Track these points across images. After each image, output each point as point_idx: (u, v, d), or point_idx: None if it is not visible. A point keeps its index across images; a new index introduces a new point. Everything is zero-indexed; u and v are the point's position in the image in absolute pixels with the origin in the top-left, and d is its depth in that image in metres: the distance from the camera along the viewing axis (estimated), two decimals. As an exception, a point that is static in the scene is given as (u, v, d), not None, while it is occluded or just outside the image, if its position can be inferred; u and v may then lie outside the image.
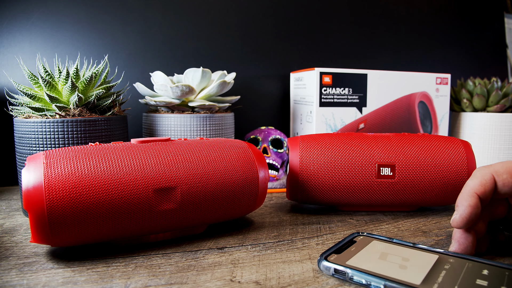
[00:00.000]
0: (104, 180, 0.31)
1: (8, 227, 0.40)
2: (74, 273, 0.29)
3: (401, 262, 0.30)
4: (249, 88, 0.76)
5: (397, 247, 0.32)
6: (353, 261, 0.30)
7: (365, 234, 0.35)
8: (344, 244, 0.33)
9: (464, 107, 0.76)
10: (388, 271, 0.28)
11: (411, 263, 0.29)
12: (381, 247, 0.32)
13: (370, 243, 0.33)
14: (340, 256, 0.31)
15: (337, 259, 0.30)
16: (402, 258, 0.30)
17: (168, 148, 0.35)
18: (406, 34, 0.90)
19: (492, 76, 0.98)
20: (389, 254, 0.31)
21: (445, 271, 0.28)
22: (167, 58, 0.70)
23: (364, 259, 0.30)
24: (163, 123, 0.54)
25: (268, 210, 0.47)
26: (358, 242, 0.33)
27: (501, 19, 1.02)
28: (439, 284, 0.27)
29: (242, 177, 0.37)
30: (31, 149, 0.43)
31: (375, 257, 0.31)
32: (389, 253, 0.31)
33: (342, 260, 0.30)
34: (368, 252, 0.32)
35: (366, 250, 0.32)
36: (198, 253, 0.33)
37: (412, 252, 0.31)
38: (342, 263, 0.30)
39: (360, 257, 0.31)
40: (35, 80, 0.45)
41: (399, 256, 0.31)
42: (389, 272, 0.28)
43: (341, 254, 0.31)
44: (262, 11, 0.77)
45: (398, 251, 0.32)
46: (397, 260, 0.30)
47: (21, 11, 0.62)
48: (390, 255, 0.31)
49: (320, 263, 0.30)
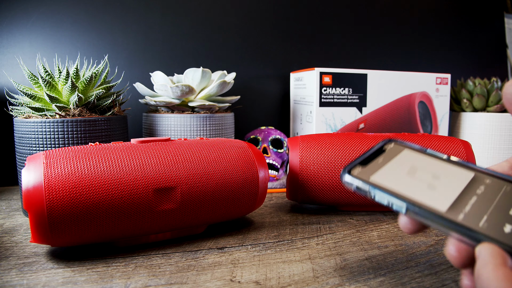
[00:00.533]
0: (104, 180, 0.31)
1: (8, 227, 0.40)
2: (74, 273, 0.29)
3: (431, 180, 0.27)
4: (249, 88, 0.76)
5: (430, 160, 0.29)
6: (378, 176, 0.27)
7: (398, 142, 0.31)
8: (372, 154, 0.29)
9: (464, 107, 0.76)
10: (414, 191, 0.26)
11: (441, 182, 0.26)
12: (411, 159, 0.29)
13: (401, 152, 0.30)
14: (365, 170, 0.28)
15: (361, 173, 0.27)
16: (433, 175, 0.27)
17: (168, 148, 0.35)
18: (406, 34, 0.90)
19: (492, 76, 0.98)
20: (419, 169, 0.28)
21: (476, 197, 0.25)
22: (167, 58, 0.70)
23: (390, 174, 0.27)
24: (163, 123, 0.54)
25: (268, 210, 0.47)
26: (388, 151, 0.30)
27: (501, 19, 1.02)
28: (466, 214, 0.24)
29: (242, 177, 0.37)
30: (31, 149, 0.43)
31: (403, 172, 0.28)
32: (419, 168, 0.28)
33: (367, 175, 0.27)
34: (396, 165, 0.28)
35: (394, 162, 0.29)
36: (198, 253, 0.33)
37: (445, 168, 0.28)
38: (366, 178, 0.27)
39: (387, 171, 0.28)
40: (35, 80, 0.45)
41: (430, 172, 0.27)
42: (415, 193, 0.26)
43: (367, 166, 0.28)
44: (262, 11, 0.77)
45: (430, 165, 0.28)
46: (427, 177, 0.27)
47: (21, 11, 0.62)
48: (420, 170, 0.28)
49: (343, 177, 0.27)
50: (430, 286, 0.27)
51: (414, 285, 0.27)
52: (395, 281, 0.28)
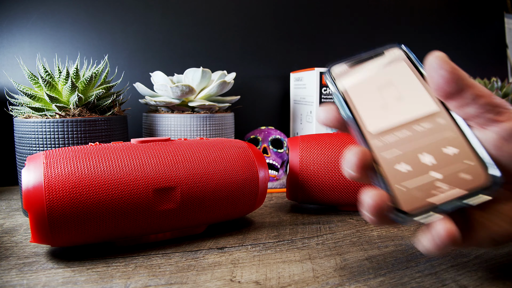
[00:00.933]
0: (104, 180, 0.31)
1: (8, 227, 0.40)
2: (74, 273, 0.29)
3: (391, 100, 0.26)
4: (249, 88, 0.76)
5: (412, 79, 0.27)
6: (350, 81, 0.26)
7: (404, 49, 0.29)
8: (367, 57, 0.28)
9: (464, 107, 0.76)
10: (366, 106, 0.25)
11: (397, 107, 0.26)
12: (396, 73, 0.28)
13: (394, 63, 0.28)
14: (346, 71, 0.27)
15: (339, 75, 0.27)
16: (399, 96, 0.26)
17: (168, 148, 0.35)
18: (406, 34, 0.90)
19: (492, 76, 0.98)
20: (393, 86, 0.27)
21: (410, 133, 0.25)
22: (167, 58, 0.70)
23: (363, 83, 0.27)
24: (163, 123, 0.54)
25: (268, 210, 0.47)
26: (385, 57, 0.28)
27: (501, 19, 1.02)
28: (385, 145, 0.24)
29: (242, 177, 0.37)
30: (31, 149, 0.43)
31: (376, 84, 0.27)
32: (394, 84, 0.27)
33: (342, 78, 0.27)
34: (376, 75, 0.27)
35: (378, 71, 0.27)
36: (198, 253, 0.33)
37: (418, 93, 0.26)
38: (339, 81, 0.26)
39: (364, 79, 0.27)
40: (35, 80, 0.45)
41: (400, 92, 0.26)
42: (366, 108, 0.25)
43: (352, 68, 0.27)
44: (262, 11, 0.77)
45: (407, 85, 0.27)
46: (390, 96, 0.26)
47: (21, 11, 0.62)
48: (392, 87, 0.27)
49: (325, 73, 0.27)
50: (430, 286, 0.27)
51: (414, 285, 0.28)
52: (395, 281, 0.28)
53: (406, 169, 0.25)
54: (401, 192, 0.24)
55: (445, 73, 0.24)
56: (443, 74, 0.24)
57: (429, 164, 0.24)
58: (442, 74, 0.24)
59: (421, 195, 0.24)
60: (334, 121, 0.27)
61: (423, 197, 0.23)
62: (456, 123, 0.25)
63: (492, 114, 0.24)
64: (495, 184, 0.23)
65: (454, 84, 0.24)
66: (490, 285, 0.27)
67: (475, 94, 0.24)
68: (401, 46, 0.29)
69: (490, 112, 0.24)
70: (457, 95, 0.24)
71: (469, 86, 0.24)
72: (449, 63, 0.25)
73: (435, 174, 0.24)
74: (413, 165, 0.25)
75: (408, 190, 0.24)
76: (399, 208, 0.23)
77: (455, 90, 0.24)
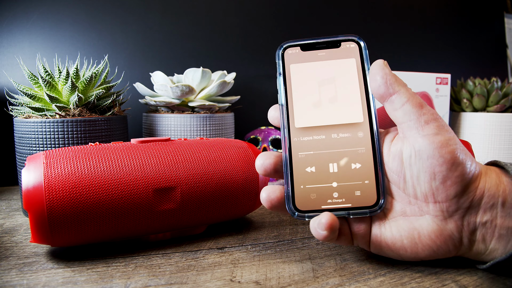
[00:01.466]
0: (104, 180, 0.31)
1: (8, 227, 0.40)
2: (74, 273, 0.29)
3: (326, 100, 0.27)
4: (249, 88, 0.76)
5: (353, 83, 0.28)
6: (296, 69, 0.27)
7: (361, 44, 0.29)
8: (322, 43, 0.28)
9: (464, 107, 0.76)
10: (302, 99, 0.26)
11: (329, 107, 0.27)
12: (343, 71, 0.28)
13: (345, 59, 0.28)
14: (297, 55, 0.27)
15: (290, 57, 0.27)
16: (334, 97, 0.27)
17: (168, 148, 0.35)
18: (406, 34, 0.90)
19: (492, 76, 0.98)
20: (333, 84, 0.27)
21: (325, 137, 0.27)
22: (167, 58, 0.70)
23: (309, 72, 0.27)
24: (163, 123, 0.54)
25: (268, 210, 0.47)
26: (340, 49, 0.28)
27: (501, 19, 1.02)
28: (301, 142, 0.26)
29: (242, 177, 0.37)
30: (31, 149, 0.43)
31: (320, 77, 0.27)
32: (335, 82, 0.27)
33: (290, 60, 0.27)
34: (323, 68, 0.27)
35: (327, 63, 0.28)
36: (198, 253, 0.33)
37: (353, 98, 0.27)
38: (287, 63, 0.27)
39: (310, 70, 0.27)
40: (35, 80, 0.45)
41: (337, 92, 0.27)
42: (300, 102, 0.26)
43: (304, 53, 0.28)
44: (262, 11, 0.77)
45: (346, 86, 0.27)
46: (327, 95, 0.27)
47: (21, 11, 0.62)
48: (332, 85, 0.27)
49: (277, 51, 0.27)
50: (430, 286, 0.27)
51: (414, 285, 0.27)
52: (395, 281, 0.28)
53: (313, 174, 0.27)
54: (301, 193, 0.27)
55: (379, 78, 0.27)
56: (377, 78, 0.27)
57: (335, 175, 0.27)
58: (377, 79, 0.27)
59: (317, 201, 0.27)
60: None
61: (318, 203, 0.27)
62: (373, 139, 0.28)
63: (413, 122, 0.26)
64: (378, 208, 0.27)
65: (385, 88, 0.27)
66: (490, 285, 0.27)
67: (403, 100, 0.27)
68: (359, 40, 0.29)
69: (412, 121, 0.26)
70: (388, 99, 0.27)
71: (398, 92, 0.27)
72: (383, 70, 0.27)
73: (335, 186, 0.27)
74: (320, 172, 0.27)
75: (308, 193, 0.27)
76: (295, 205, 0.27)
77: (386, 93, 0.27)
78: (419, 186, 0.27)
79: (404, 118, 0.27)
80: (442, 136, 0.26)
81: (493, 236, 0.26)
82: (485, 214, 0.26)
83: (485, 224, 0.26)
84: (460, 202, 0.26)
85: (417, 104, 0.26)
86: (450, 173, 0.25)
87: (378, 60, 0.28)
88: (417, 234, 0.27)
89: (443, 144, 0.25)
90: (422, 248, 0.28)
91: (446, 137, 0.26)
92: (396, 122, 0.28)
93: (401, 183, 0.27)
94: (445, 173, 0.25)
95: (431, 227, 0.27)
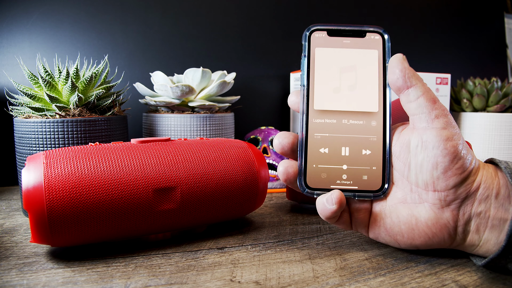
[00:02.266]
0: (104, 180, 0.31)
1: (8, 227, 0.40)
2: (74, 273, 0.29)
3: (345, 87, 0.28)
4: (249, 88, 0.76)
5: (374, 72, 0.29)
6: (321, 53, 0.28)
7: (385, 37, 0.31)
8: (349, 31, 0.29)
9: (464, 107, 0.76)
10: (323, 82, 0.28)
11: (348, 93, 0.28)
12: (364, 61, 0.29)
13: (369, 49, 0.30)
14: (324, 39, 0.28)
15: (316, 41, 0.28)
16: (354, 84, 0.29)
17: (168, 148, 0.35)
18: (406, 34, 0.90)
19: (492, 76, 0.98)
20: (354, 72, 0.29)
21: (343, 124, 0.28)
22: (167, 58, 0.70)
23: (332, 58, 0.28)
24: (163, 123, 0.54)
25: (268, 210, 0.47)
26: (365, 39, 0.30)
27: (501, 19, 1.02)
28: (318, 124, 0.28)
29: (242, 177, 0.37)
30: (31, 149, 0.43)
31: (342, 64, 0.28)
32: (357, 70, 0.29)
33: (316, 43, 0.28)
34: (346, 55, 0.29)
35: (350, 51, 0.29)
36: (198, 253, 0.33)
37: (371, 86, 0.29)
38: (312, 46, 0.28)
39: (334, 53, 0.28)
40: (35, 80, 0.45)
41: (357, 80, 0.29)
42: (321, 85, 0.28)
43: (330, 38, 0.29)
44: (262, 11, 0.77)
45: (367, 75, 0.29)
46: (347, 82, 0.28)
47: (21, 11, 0.62)
48: (353, 73, 0.29)
49: (304, 33, 0.29)
50: (430, 286, 0.27)
51: (414, 285, 0.28)
52: (395, 281, 0.28)
53: (326, 155, 0.29)
54: (313, 172, 0.29)
55: (397, 71, 0.29)
56: (396, 71, 0.29)
57: (346, 158, 0.29)
58: (395, 72, 0.29)
59: (326, 180, 0.30)
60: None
61: (328, 182, 0.30)
62: (384, 129, 0.30)
63: (425, 115, 0.28)
64: (382, 193, 0.30)
65: (403, 81, 0.29)
66: (490, 285, 0.27)
67: (418, 94, 0.29)
68: (384, 33, 0.31)
69: (423, 114, 0.28)
70: (404, 91, 0.29)
71: (414, 85, 0.29)
72: (402, 64, 0.29)
73: (345, 168, 0.29)
74: (332, 154, 0.29)
75: (319, 172, 0.29)
76: (306, 182, 0.30)
77: (403, 86, 0.29)
78: (421, 174, 0.28)
79: (417, 110, 0.29)
80: (449, 131, 0.28)
81: (486, 226, 0.28)
82: (480, 205, 0.28)
83: (480, 215, 0.28)
84: (458, 192, 0.28)
85: (431, 99, 0.28)
86: (451, 165, 0.27)
87: (398, 54, 0.30)
88: (414, 220, 0.29)
89: (449, 138, 0.27)
90: (419, 235, 0.29)
91: (452, 132, 0.28)
92: (409, 113, 0.30)
93: (406, 171, 0.29)
94: (446, 164, 0.27)
95: (428, 214, 0.29)
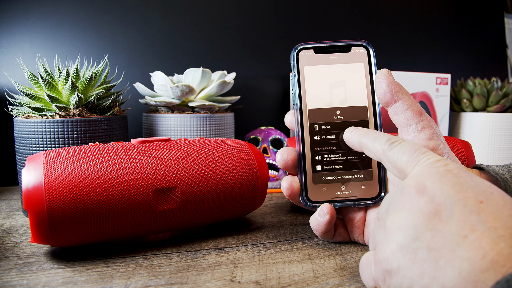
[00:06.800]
0: (104, 180, 0.31)
1: (8, 227, 0.40)
2: (74, 273, 0.29)
3: (335, 98, 0.29)
4: (249, 88, 0.76)
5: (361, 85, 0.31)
6: (310, 71, 0.29)
7: (370, 50, 0.32)
8: (334, 47, 0.30)
9: (464, 107, 0.76)
10: (315, 100, 0.29)
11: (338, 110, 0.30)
12: (351, 74, 0.30)
13: (355, 63, 0.31)
14: (311, 57, 0.29)
15: (304, 59, 0.29)
16: (343, 99, 0.30)
17: (168, 148, 0.35)
18: (406, 34, 0.90)
19: (492, 76, 0.98)
20: (343, 85, 0.30)
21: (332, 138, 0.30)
22: (167, 58, 0.70)
23: (321, 73, 0.29)
24: (163, 123, 0.54)
25: (268, 210, 0.47)
26: (350, 54, 0.31)
27: (501, 19, 1.02)
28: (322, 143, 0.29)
29: (242, 177, 0.37)
30: (31, 149, 0.43)
31: (333, 80, 0.29)
32: (345, 84, 0.30)
33: (304, 62, 0.29)
34: (335, 70, 0.30)
35: (338, 66, 0.30)
36: (198, 253, 0.33)
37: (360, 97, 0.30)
38: (301, 65, 0.29)
39: (323, 72, 0.29)
40: (35, 80, 0.45)
41: (345, 92, 0.30)
42: (313, 102, 0.29)
43: (317, 55, 0.30)
44: (262, 11, 0.77)
45: (354, 86, 0.30)
46: (337, 94, 0.29)
47: (21, 11, 0.62)
48: (342, 87, 0.30)
49: (292, 53, 0.29)
50: (430, 286, 0.27)
51: (414, 285, 0.27)
52: (395, 281, 0.28)
53: (324, 169, 0.31)
54: (313, 186, 0.31)
55: (384, 86, 0.30)
56: (383, 86, 0.30)
57: (343, 171, 0.31)
58: (382, 87, 0.30)
59: (327, 192, 0.31)
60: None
61: (328, 194, 0.31)
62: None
63: (412, 127, 0.30)
64: (380, 199, 0.32)
65: (390, 96, 0.30)
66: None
67: (405, 107, 0.30)
68: (368, 45, 0.32)
69: (411, 126, 0.30)
70: (392, 105, 0.30)
71: (401, 99, 0.30)
72: (388, 79, 0.30)
73: (344, 180, 0.31)
74: (330, 168, 0.31)
75: (319, 186, 0.31)
76: (307, 196, 0.32)
77: (391, 100, 0.30)
78: None
79: (404, 122, 0.30)
80: (434, 142, 0.29)
81: None
82: None
83: None
84: None
85: (417, 112, 0.30)
86: None
87: (383, 69, 0.31)
88: None
89: (434, 148, 0.29)
90: None
91: (438, 143, 0.29)
92: (397, 125, 0.31)
93: (396, 180, 0.31)
94: None
95: None
